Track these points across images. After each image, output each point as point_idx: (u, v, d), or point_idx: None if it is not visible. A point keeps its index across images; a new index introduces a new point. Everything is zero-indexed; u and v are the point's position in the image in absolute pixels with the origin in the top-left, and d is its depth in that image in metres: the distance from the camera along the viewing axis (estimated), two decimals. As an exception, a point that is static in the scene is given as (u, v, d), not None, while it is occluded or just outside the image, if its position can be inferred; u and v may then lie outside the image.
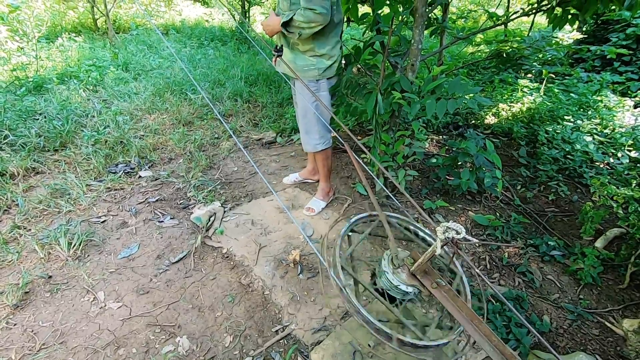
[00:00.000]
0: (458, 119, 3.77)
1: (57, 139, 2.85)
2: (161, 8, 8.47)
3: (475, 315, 0.95)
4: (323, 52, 1.94)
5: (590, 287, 1.88)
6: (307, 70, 1.98)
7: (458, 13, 6.90)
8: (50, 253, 1.90)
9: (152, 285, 1.79)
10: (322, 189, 2.39)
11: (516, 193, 2.63)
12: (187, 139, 3.12)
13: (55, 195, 2.33)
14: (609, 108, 3.49)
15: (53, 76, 3.94)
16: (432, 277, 1.06)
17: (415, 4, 2.04)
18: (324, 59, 1.97)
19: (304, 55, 1.96)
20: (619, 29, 4.68)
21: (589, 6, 2.09)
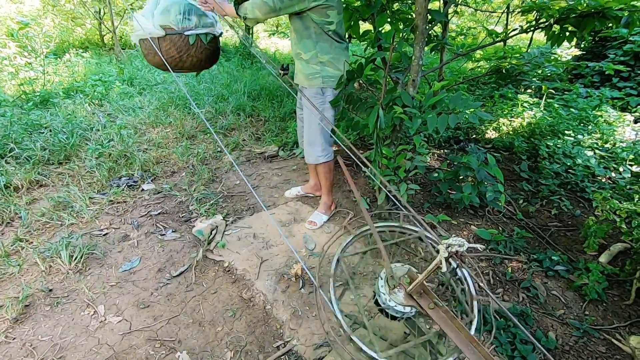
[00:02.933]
0: (459, 134, 3.80)
1: (61, 152, 2.89)
2: (167, 25, 8.64)
3: (474, 338, 0.93)
4: (327, 59, 2.00)
5: (595, 302, 1.86)
6: (312, 78, 2.05)
7: (458, 30, 7.03)
8: (51, 266, 1.90)
9: (153, 299, 1.77)
10: (324, 203, 2.38)
11: (518, 207, 2.63)
12: (190, 153, 3.14)
13: (58, 208, 2.34)
14: (609, 123, 3.51)
15: (59, 91, 4.02)
16: (429, 297, 1.04)
17: (416, 22, 2.09)
18: (328, 66, 2.03)
19: (308, 63, 2.03)
20: (617, 46, 4.76)
21: (586, 24, 2.13)
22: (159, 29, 1.92)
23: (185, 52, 2.01)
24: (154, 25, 1.91)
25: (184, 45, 2.00)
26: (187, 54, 2.02)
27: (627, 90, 4.24)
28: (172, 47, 1.97)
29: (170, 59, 1.99)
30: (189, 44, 2.00)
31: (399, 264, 1.22)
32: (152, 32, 1.92)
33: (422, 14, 2.03)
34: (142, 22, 1.92)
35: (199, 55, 2.06)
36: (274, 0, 1.82)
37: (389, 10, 2.41)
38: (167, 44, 1.96)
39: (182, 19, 1.95)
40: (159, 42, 1.94)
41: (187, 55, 2.03)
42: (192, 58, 2.05)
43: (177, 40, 1.97)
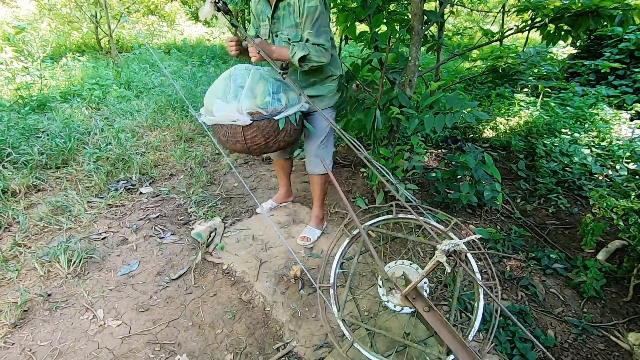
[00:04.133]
0: (457, 133, 3.81)
1: (59, 156, 2.88)
2: (163, 28, 8.68)
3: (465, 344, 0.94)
4: (338, 73, 1.93)
5: (593, 300, 1.87)
6: (332, 96, 1.95)
7: (454, 30, 7.06)
8: (50, 271, 1.89)
9: (152, 302, 1.77)
10: (316, 216, 2.26)
11: (516, 206, 2.64)
12: (188, 155, 3.14)
13: (56, 212, 2.33)
14: (606, 121, 3.53)
15: (56, 95, 4.02)
16: (423, 301, 1.05)
17: (412, 22, 2.10)
18: (339, 80, 1.96)
19: (323, 84, 1.92)
20: (612, 44, 4.78)
21: (581, 23, 2.14)
22: (246, 116, 1.60)
23: (272, 138, 1.71)
24: (239, 111, 1.60)
25: (273, 131, 1.69)
26: (274, 139, 1.72)
27: (623, 88, 4.26)
28: (258, 134, 1.66)
29: (255, 146, 1.69)
30: (279, 129, 1.69)
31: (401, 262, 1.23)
32: (238, 119, 1.61)
33: (418, 15, 2.04)
34: (223, 107, 1.62)
35: (287, 139, 1.77)
36: (328, 41, 1.71)
37: (385, 11, 2.42)
38: (253, 130, 1.64)
39: (272, 101, 1.65)
40: (243, 129, 1.64)
41: (274, 141, 1.72)
42: (280, 143, 1.76)
43: (265, 126, 1.65)
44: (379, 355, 1.16)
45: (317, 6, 1.63)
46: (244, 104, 1.60)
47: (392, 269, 1.26)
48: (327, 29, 1.72)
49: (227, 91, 1.64)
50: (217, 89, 1.68)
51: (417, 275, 1.20)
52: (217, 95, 1.65)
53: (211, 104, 1.66)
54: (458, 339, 0.94)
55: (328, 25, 1.73)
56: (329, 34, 1.74)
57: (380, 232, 1.36)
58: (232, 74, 1.68)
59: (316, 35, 1.67)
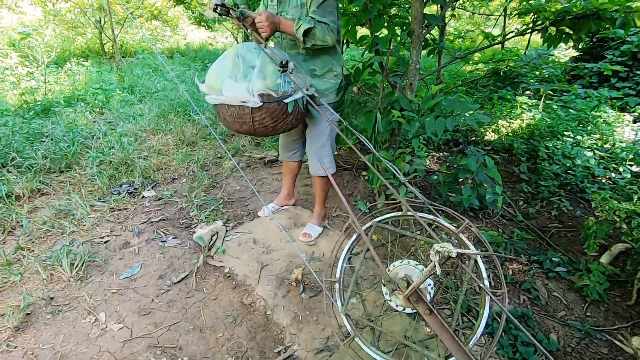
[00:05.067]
0: (458, 136, 3.81)
1: (62, 160, 2.90)
2: (166, 33, 8.75)
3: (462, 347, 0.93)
4: (339, 71, 1.91)
5: (597, 303, 1.85)
6: (328, 94, 1.93)
7: (455, 33, 7.07)
8: (52, 274, 1.90)
9: (154, 305, 1.77)
10: (318, 214, 2.30)
11: (518, 209, 2.63)
12: (190, 159, 3.16)
13: (60, 216, 2.35)
14: (609, 123, 3.52)
15: (61, 99, 4.05)
16: (424, 304, 1.04)
17: (412, 26, 2.11)
18: (339, 77, 1.94)
19: (323, 78, 1.90)
20: (614, 46, 4.77)
21: (582, 25, 2.14)
22: (257, 98, 1.54)
23: (281, 121, 1.66)
24: (249, 92, 1.53)
25: (282, 114, 1.63)
26: (283, 122, 1.66)
27: (626, 91, 4.25)
28: (267, 116, 1.60)
29: (262, 128, 1.64)
30: (287, 112, 1.64)
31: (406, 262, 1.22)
32: (248, 100, 1.54)
33: (418, 19, 2.06)
34: (232, 87, 1.55)
35: (294, 122, 1.73)
36: (334, 21, 1.68)
37: (386, 15, 2.44)
38: (262, 112, 1.58)
39: (282, 83, 1.59)
40: (252, 111, 1.57)
41: (282, 124, 1.68)
42: (287, 125, 1.71)
43: (274, 109, 1.59)
44: (379, 352, 1.15)
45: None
46: (255, 84, 1.53)
47: (396, 268, 1.26)
48: (333, 11, 1.68)
49: (236, 70, 1.55)
50: (224, 67, 1.59)
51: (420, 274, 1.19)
52: (225, 73, 1.56)
53: (217, 82, 1.57)
54: (458, 343, 0.93)
55: (335, 8, 1.69)
56: (336, 16, 1.70)
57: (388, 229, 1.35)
58: (239, 53, 1.59)
59: (321, 15, 1.63)
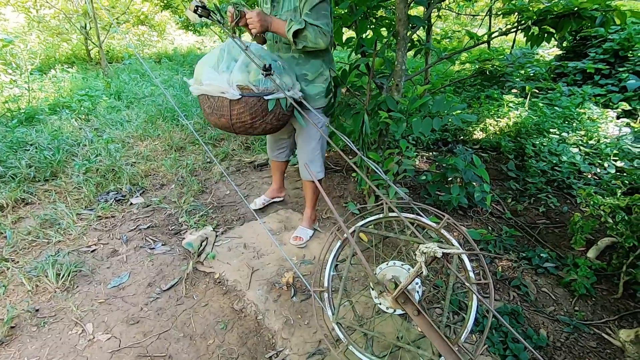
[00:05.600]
0: (447, 136, 3.84)
1: (47, 169, 2.85)
2: (154, 38, 8.69)
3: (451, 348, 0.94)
4: (328, 74, 1.91)
5: (585, 298, 1.88)
6: (318, 99, 1.92)
7: (442, 34, 7.14)
8: (37, 285, 1.86)
9: (143, 314, 1.75)
10: (308, 217, 2.30)
11: (507, 206, 2.66)
12: (179, 164, 3.13)
13: (45, 226, 2.30)
14: (593, 120, 3.58)
15: (45, 107, 3.99)
16: (411, 305, 1.05)
17: (397, 28, 2.13)
18: (328, 81, 1.93)
19: (313, 83, 1.89)
20: (596, 44, 4.87)
21: (564, 24, 2.18)
22: (236, 90, 1.54)
23: (260, 119, 1.64)
24: (229, 83, 1.53)
25: (261, 111, 1.62)
26: (261, 120, 1.65)
27: (609, 87, 4.33)
28: (246, 111, 1.59)
29: (239, 124, 1.63)
30: (267, 109, 1.63)
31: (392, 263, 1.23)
32: (226, 91, 1.54)
33: (403, 20, 2.07)
34: (213, 77, 1.54)
35: (274, 123, 1.71)
36: (328, 24, 1.68)
37: (371, 17, 2.45)
38: (240, 106, 1.58)
39: (264, 80, 1.59)
40: (230, 104, 1.57)
41: (261, 122, 1.66)
42: (266, 125, 1.69)
43: (253, 104, 1.59)
44: (374, 357, 1.15)
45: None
46: (235, 76, 1.53)
47: (383, 270, 1.26)
48: (326, 14, 1.68)
49: (219, 62, 1.56)
50: (209, 58, 1.60)
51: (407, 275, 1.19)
52: (209, 64, 1.58)
53: (201, 73, 1.58)
54: (446, 343, 0.93)
55: (328, 12, 1.69)
56: (329, 19, 1.69)
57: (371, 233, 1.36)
58: (227, 46, 1.60)
59: (314, 17, 1.63)
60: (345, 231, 1.11)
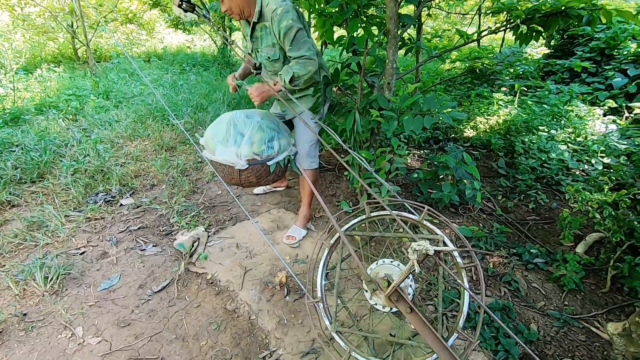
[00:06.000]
0: (438, 134, 3.86)
1: (34, 170, 2.80)
2: (142, 36, 8.57)
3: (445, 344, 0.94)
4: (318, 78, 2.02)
5: (574, 292, 1.91)
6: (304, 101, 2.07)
7: (433, 32, 7.18)
8: (25, 289, 1.83)
9: (134, 316, 1.73)
10: (303, 216, 2.32)
11: (497, 203, 2.69)
12: (170, 165, 3.10)
13: (32, 228, 2.26)
14: (580, 117, 3.64)
15: (31, 107, 3.91)
16: (404, 303, 1.05)
17: (388, 26, 2.13)
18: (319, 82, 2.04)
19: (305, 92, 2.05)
20: (583, 43, 4.95)
21: (551, 23, 2.21)
22: (244, 161, 1.83)
23: (264, 178, 1.98)
24: (237, 156, 1.83)
25: (264, 173, 1.95)
26: (265, 179, 1.99)
27: (595, 85, 4.40)
28: (252, 175, 1.91)
29: (247, 183, 1.96)
30: (269, 171, 1.95)
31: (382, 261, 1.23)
32: (235, 163, 1.83)
33: (394, 19, 2.07)
34: (223, 152, 1.84)
35: (276, 177, 2.04)
36: (309, 49, 1.80)
37: (362, 15, 2.45)
38: (247, 172, 1.89)
39: (266, 149, 1.88)
40: (239, 172, 1.87)
41: (265, 180, 2.00)
42: (269, 180, 2.02)
43: (258, 169, 1.91)
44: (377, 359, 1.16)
45: (291, 25, 1.72)
46: (242, 150, 1.82)
47: (375, 269, 1.26)
48: (306, 40, 1.80)
49: (228, 136, 1.84)
50: (219, 130, 1.88)
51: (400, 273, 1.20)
52: (219, 138, 1.85)
53: (212, 142, 1.87)
54: (439, 340, 0.94)
55: (307, 36, 1.82)
56: (310, 43, 1.82)
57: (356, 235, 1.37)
58: (233, 120, 1.87)
59: (296, 49, 1.77)
60: (339, 230, 1.11)
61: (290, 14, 1.73)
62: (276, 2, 1.76)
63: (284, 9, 1.73)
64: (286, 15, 1.72)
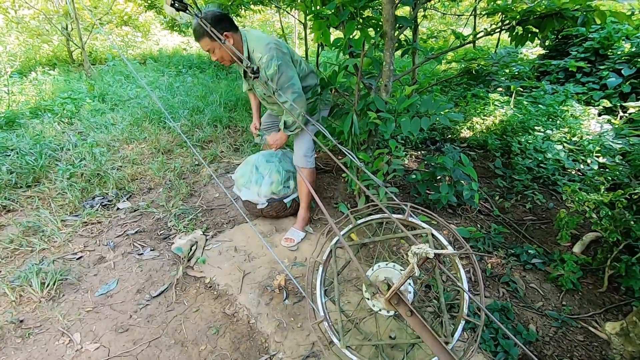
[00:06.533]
0: (435, 134, 3.88)
1: (30, 174, 2.78)
2: (138, 38, 8.54)
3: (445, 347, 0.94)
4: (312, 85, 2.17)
5: (571, 292, 1.92)
6: None
7: (428, 33, 7.21)
8: (21, 295, 1.81)
9: (132, 322, 1.71)
10: (302, 218, 2.33)
11: (495, 204, 2.70)
12: (167, 168, 3.08)
13: (28, 234, 2.24)
14: (576, 117, 3.66)
15: (26, 111, 3.89)
16: (405, 306, 1.05)
17: (385, 28, 2.13)
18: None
19: None
20: (578, 43, 4.98)
21: (546, 24, 2.22)
22: (264, 200, 2.26)
23: (282, 212, 2.38)
24: (258, 195, 2.25)
25: (282, 208, 2.34)
26: (283, 212, 2.39)
27: (590, 85, 4.43)
28: (272, 209, 2.33)
29: (268, 216, 2.39)
30: (287, 207, 2.35)
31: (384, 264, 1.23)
32: (257, 202, 2.26)
33: (390, 21, 2.08)
34: (247, 193, 2.27)
35: (292, 211, 2.42)
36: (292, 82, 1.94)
37: (358, 17, 2.45)
38: (268, 208, 2.30)
39: (283, 188, 2.28)
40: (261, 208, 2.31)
41: (283, 214, 2.41)
42: (286, 213, 2.41)
43: (277, 205, 2.31)
44: None
45: (275, 71, 1.86)
46: (263, 190, 2.25)
47: (375, 272, 1.26)
48: (290, 82, 1.94)
49: (251, 177, 2.28)
50: (245, 172, 2.33)
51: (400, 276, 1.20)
52: (244, 179, 2.31)
53: (240, 181, 2.34)
54: (440, 343, 0.94)
55: (291, 77, 1.94)
56: (293, 80, 1.95)
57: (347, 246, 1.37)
58: (256, 163, 2.32)
59: (284, 92, 1.94)
60: (338, 234, 1.11)
61: (274, 61, 1.85)
62: (261, 49, 1.86)
63: (268, 56, 1.84)
64: (270, 63, 1.85)
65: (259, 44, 1.88)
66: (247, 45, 1.90)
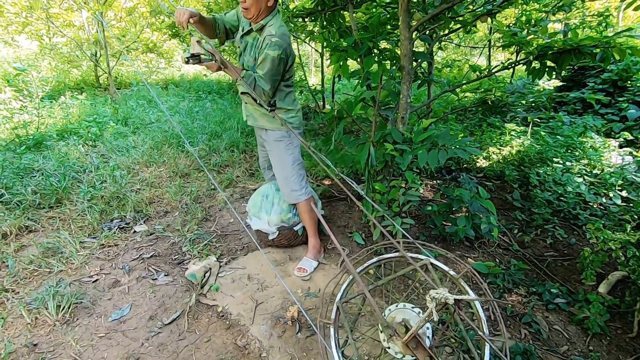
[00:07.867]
0: (450, 164, 3.85)
1: (52, 195, 2.86)
2: (161, 65, 8.91)
3: None
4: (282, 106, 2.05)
5: (599, 337, 1.82)
6: (274, 121, 2.07)
7: (443, 63, 7.32)
8: (37, 318, 1.83)
9: (143, 350, 1.70)
10: (312, 247, 2.32)
11: (514, 237, 2.63)
12: (184, 191, 3.13)
13: (47, 255, 2.29)
14: (595, 149, 3.59)
15: (53, 133, 4.05)
16: (423, 351, 1.01)
17: (402, 62, 2.18)
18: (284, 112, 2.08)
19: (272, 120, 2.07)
20: (595, 74, 4.97)
21: (564, 59, 2.23)
22: (274, 229, 2.29)
23: (293, 240, 2.40)
24: (269, 224, 2.28)
25: (293, 236, 2.37)
26: (294, 240, 2.41)
27: (609, 117, 4.37)
28: (283, 238, 2.35)
29: (279, 244, 2.40)
30: (298, 235, 2.37)
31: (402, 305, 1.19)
32: (268, 231, 2.29)
33: (408, 56, 2.12)
34: (257, 223, 2.32)
35: (304, 239, 2.41)
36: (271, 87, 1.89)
37: (375, 49, 2.51)
38: (279, 237, 2.33)
39: (292, 216, 2.31)
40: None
41: (294, 242, 2.42)
42: (298, 241, 2.42)
43: (287, 234, 2.34)
44: None
45: (276, 57, 1.79)
46: (272, 219, 2.28)
47: (392, 312, 1.23)
48: (276, 79, 1.89)
49: (261, 207, 2.32)
50: (256, 202, 2.37)
51: (418, 319, 1.16)
52: (255, 209, 2.35)
53: (252, 211, 2.38)
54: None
55: (275, 74, 1.86)
56: (274, 77, 1.87)
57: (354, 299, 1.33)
58: (265, 192, 2.37)
59: (264, 80, 1.85)
60: (354, 273, 1.09)
61: (279, 50, 1.78)
62: (278, 32, 1.81)
63: (279, 42, 1.78)
64: (276, 48, 1.78)
65: (280, 29, 1.84)
66: (272, 19, 1.86)
